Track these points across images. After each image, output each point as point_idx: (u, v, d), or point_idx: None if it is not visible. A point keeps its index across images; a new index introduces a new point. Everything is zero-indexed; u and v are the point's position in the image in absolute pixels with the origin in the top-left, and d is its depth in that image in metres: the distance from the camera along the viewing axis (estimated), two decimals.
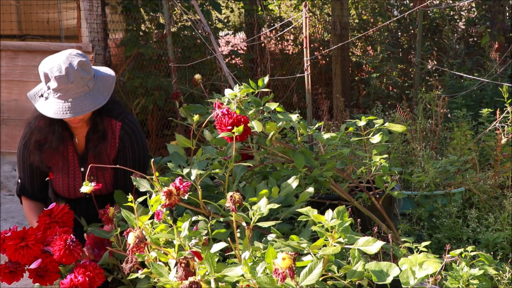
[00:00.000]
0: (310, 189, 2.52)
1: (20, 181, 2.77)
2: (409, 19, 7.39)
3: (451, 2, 7.81)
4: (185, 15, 5.16)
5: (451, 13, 7.63)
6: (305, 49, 3.77)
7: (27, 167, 2.71)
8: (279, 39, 7.34)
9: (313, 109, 6.23)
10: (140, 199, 2.18)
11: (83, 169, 2.70)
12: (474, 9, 7.68)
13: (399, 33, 7.70)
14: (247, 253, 2.02)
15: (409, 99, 6.37)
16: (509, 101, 4.15)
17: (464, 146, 4.29)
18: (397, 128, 2.84)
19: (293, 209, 2.42)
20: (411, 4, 7.57)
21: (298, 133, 2.78)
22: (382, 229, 2.85)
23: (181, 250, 2.01)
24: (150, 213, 2.15)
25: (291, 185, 2.45)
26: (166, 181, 2.22)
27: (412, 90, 6.52)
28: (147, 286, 2.20)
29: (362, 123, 2.85)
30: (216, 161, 2.50)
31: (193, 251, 1.92)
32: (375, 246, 1.87)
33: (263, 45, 6.72)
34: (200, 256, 1.89)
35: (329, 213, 1.93)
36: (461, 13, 7.80)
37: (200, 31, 4.22)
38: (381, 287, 1.94)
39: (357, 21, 7.92)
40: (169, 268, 1.97)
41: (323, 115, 5.79)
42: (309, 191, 2.50)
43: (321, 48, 7.43)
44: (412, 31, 7.52)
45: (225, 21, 7.13)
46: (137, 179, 2.28)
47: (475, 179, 3.83)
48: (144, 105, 5.43)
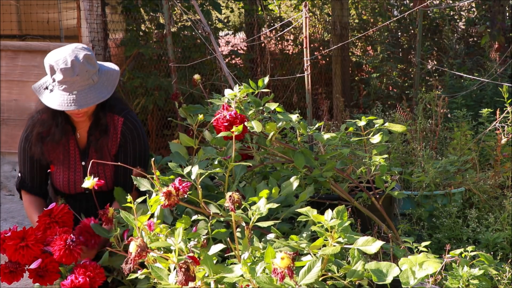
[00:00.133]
0: (310, 189, 2.52)
1: (20, 174, 2.79)
2: (409, 19, 7.38)
3: (451, 2, 7.81)
4: (185, 15, 5.15)
5: (451, 13, 7.63)
6: (305, 49, 3.77)
7: (28, 160, 2.73)
8: (279, 39, 7.34)
9: (313, 109, 6.23)
10: (139, 200, 2.17)
11: (84, 163, 2.72)
12: (474, 9, 7.68)
13: (399, 33, 7.70)
14: (247, 253, 2.02)
15: (409, 99, 6.37)
16: (509, 101, 4.15)
17: (464, 146, 4.29)
18: (397, 128, 2.84)
19: (293, 209, 2.42)
20: (411, 4, 7.57)
21: (298, 133, 2.78)
22: (382, 229, 2.85)
23: (181, 252, 2.01)
24: (149, 213, 2.15)
25: (292, 185, 2.44)
26: (166, 180, 2.23)
27: (412, 90, 6.52)
28: (147, 286, 2.20)
29: (362, 123, 2.85)
30: (216, 161, 2.49)
31: (190, 256, 1.91)
32: (374, 245, 1.87)
33: (263, 45, 6.72)
34: (197, 261, 1.89)
35: (329, 213, 1.93)
36: (461, 13, 7.80)
37: (200, 31, 4.22)
38: (381, 287, 1.94)
39: (357, 21, 7.92)
40: (168, 269, 1.97)
41: (323, 115, 5.78)
42: (309, 191, 2.50)
43: (321, 48, 7.42)
44: (412, 31, 7.52)
45: (225, 21, 7.13)
46: (138, 178, 2.28)
47: (475, 179, 3.83)
48: (144, 105, 5.43)
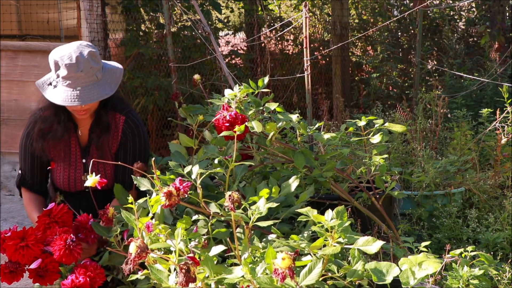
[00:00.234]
0: (310, 189, 2.51)
1: (20, 172, 2.81)
2: (409, 19, 7.38)
3: (451, 2, 7.81)
4: (185, 15, 5.15)
5: (451, 13, 7.63)
6: (305, 49, 3.77)
7: (28, 157, 2.74)
8: (279, 39, 7.34)
9: (313, 109, 6.23)
10: (140, 201, 2.17)
11: (84, 161, 2.74)
12: (474, 9, 7.68)
13: (399, 33, 7.70)
14: (246, 254, 2.02)
15: (409, 99, 6.37)
16: (509, 101, 4.15)
17: (464, 146, 4.29)
18: (397, 128, 2.84)
19: (293, 209, 2.42)
20: (411, 4, 7.57)
21: (298, 133, 2.78)
22: (382, 229, 2.85)
23: (181, 253, 2.00)
24: (150, 214, 2.14)
25: (291, 185, 2.44)
26: (166, 180, 2.22)
27: (412, 90, 6.52)
28: (147, 286, 2.20)
29: (362, 123, 2.85)
30: (216, 161, 2.49)
31: (190, 256, 1.90)
32: (374, 246, 1.87)
33: (263, 45, 6.72)
34: (197, 261, 1.89)
35: (329, 213, 1.93)
36: (461, 13, 7.81)
37: (200, 31, 4.22)
38: (381, 287, 1.94)
39: (357, 21, 7.92)
40: (169, 270, 1.97)
41: (323, 115, 5.78)
42: (309, 191, 2.50)
43: (321, 48, 7.42)
44: (412, 31, 7.52)
45: (225, 21, 7.13)
46: (138, 178, 2.29)
47: (475, 179, 3.83)
48: (144, 105, 5.43)
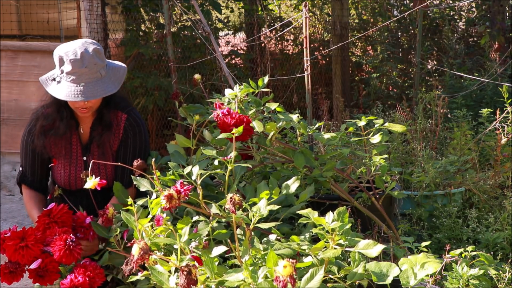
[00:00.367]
0: (310, 189, 2.51)
1: (21, 169, 2.82)
2: (409, 19, 7.38)
3: (451, 2, 7.81)
4: (185, 15, 5.15)
5: (451, 13, 7.63)
6: (305, 49, 3.77)
7: (30, 153, 2.76)
8: (279, 39, 7.33)
9: (313, 109, 6.23)
10: (140, 202, 2.17)
11: (85, 158, 2.75)
12: (474, 9, 7.68)
13: (399, 33, 7.70)
14: (247, 256, 2.01)
15: (409, 99, 6.37)
16: (509, 101, 4.15)
17: (464, 146, 4.29)
18: (397, 128, 2.84)
19: (293, 209, 2.42)
20: (411, 4, 7.57)
21: (298, 133, 2.78)
22: (382, 229, 2.85)
23: (182, 253, 2.00)
24: (149, 216, 2.14)
25: (291, 186, 2.44)
26: (166, 181, 2.22)
27: (412, 90, 6.51)
28: (147, 286, 2.20)
29: (362, 123, 2.85)
30: (216, 161, 2.49)
31: (193, 255, 1.91)
32: (375, 249, 1.87)
33: (263, 45, 6.72)
34: (200, 261, 1.89)
35: (330, 215, 1.92)
36: (461, 13, 7.80)
37: (200, 31, 4.22)
38: (381, 287, 1.94)
39: (357, 21, 7.92)
40: (169, 271, 1.96)
41: (323, 115, 5.78)
42: (309, 191, 2.50)
43: (321, 48, 7.42)
44: (412, 31, 7.52)
45: (225, 21, 7.12)
46: (137, 178, 2.29)
47: (475, 179, 3.83)
48: (144, 105, 5.43)
